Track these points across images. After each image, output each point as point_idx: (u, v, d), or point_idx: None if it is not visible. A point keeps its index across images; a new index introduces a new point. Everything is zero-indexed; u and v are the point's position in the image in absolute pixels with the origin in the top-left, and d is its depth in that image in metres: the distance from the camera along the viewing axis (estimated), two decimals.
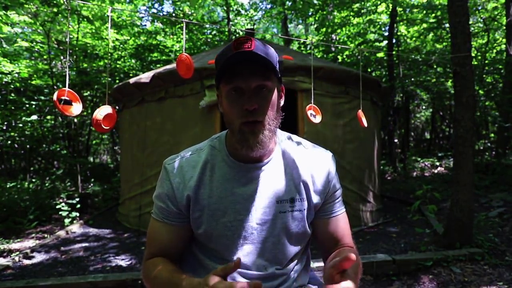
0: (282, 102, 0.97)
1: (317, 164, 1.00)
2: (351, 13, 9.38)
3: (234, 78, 0.86)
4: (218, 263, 0.96)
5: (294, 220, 0.96)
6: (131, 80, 4.57)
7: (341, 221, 1.03)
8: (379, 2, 9.09)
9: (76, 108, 1.64)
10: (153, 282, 0.92)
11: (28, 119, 6.82)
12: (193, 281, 0.80)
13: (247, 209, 0.94)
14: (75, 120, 7.80)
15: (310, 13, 9.89)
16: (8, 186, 6.30)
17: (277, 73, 0.90)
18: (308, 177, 0.98)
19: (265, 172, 0.96)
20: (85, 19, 6.43)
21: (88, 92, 8.51)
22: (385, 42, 10.14)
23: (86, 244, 4.02)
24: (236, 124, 0.88)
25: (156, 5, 11.34)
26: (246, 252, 0.95)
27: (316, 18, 9.97)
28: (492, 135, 9.77)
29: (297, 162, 0.99)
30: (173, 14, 11.01)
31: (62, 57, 7.22)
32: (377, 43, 10.48)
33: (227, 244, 0.94)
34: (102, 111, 1.68)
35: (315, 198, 0.98)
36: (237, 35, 10.80)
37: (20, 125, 7.38)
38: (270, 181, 0.96)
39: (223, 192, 0.94)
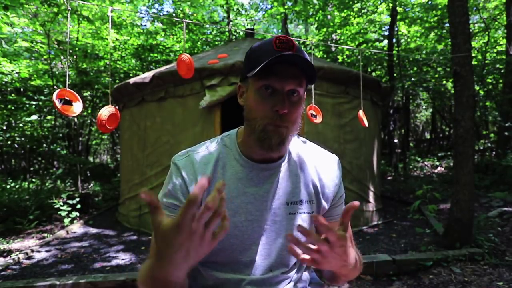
0: (302, 109, 0.95)
1: (325, 168, 0.99)
2: (351, 13, 9.37)
3: (271, 76, 0.83)
4: (218, 270, 0.95)
5: (303, 222, 0.96)
6: (131, 80, 4.57)
7: None
8: (379, 2, 9.09)
9: (76, 107, 1.64)
10: (144, 283, 0.78)
11: (28, 119, 6.82)
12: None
13: (258, 210, 0.93)
14: (75, 120, 7.81)
15: (310, 13, 9.89)
16: (8, 186, 6.31)
17: (313, 80, 0.87)
18: (316, 180, 0.97)
19: (276, 172, 0.95)
20: (85, 19, 6.42)
21: (88, 92, 8.52)
22: (385, 42, 10.14)
23: (86, 244, 4.02)
24: (260, 122, 0.85)
25: (156, 5, 11.33)
26: (254, 253, 0.94)
27: (316, 18, 9.97)
28: (492, 135, 9.77)
29: (306, 164, 0.98)
30: (173, 14, 11.00)
31: (62, 57, 7.22)
32: (377, 43, 10.47)
33: (235, 244, 0.92)
34: (106, 111, 1.69)
35: (323, 202, 0.98)
36: (237, 35, 10.81)
37: (20, 125, 7.39)
38: (281, 182, 0.95)
39: (235, 191, 0.92)
